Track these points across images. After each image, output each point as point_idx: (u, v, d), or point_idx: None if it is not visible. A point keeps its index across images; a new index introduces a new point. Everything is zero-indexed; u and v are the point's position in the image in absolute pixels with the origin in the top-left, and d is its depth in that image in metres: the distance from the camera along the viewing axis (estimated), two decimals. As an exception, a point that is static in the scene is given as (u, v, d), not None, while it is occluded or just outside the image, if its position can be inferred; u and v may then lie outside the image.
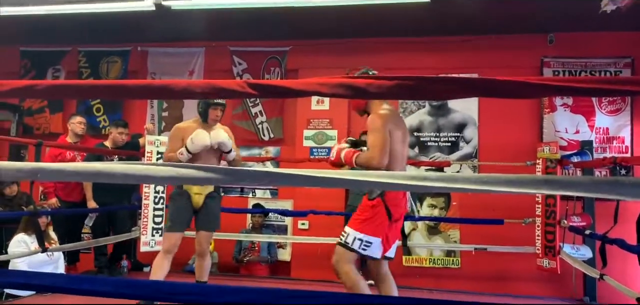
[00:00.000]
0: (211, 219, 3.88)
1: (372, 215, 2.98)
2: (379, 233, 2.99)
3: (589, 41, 5.68)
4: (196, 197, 3.83)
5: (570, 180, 1.34)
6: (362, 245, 2.96)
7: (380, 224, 2.98)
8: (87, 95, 4.03)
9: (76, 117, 5.50)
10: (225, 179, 1.60)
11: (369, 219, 2.99)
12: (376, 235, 2.97)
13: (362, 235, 2.97)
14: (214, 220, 3.91)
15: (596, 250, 4.47)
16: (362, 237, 2.96)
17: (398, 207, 3.03)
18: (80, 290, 1.93)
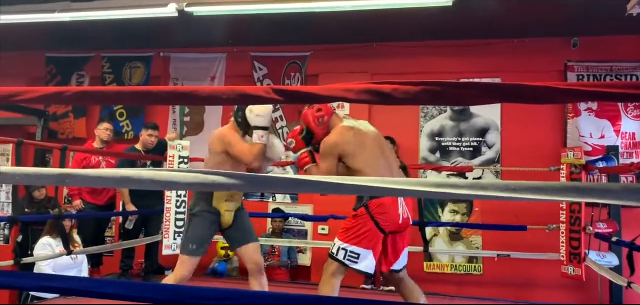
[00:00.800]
0: (250, 228, 3.43)
1: (355, 225, 2.86)
2: (367, 244, 2.84)
3: (614, 45, 5.58)
4: (227, 216, 3.32)
5: (601, 187, 1.31)
6: (347, 255, 2.83)
7: (367, 234, 2.83)
8: (114, 101, 4.06)
9: (103, 124, 5.58)
10: (252, 185, 1.61)
11: (352, 229, 2.87)
12: (363, 247, 2.83)
13: (345, 245, 2.85)
14: (251, 231, 3.45)
15: (623, 257, 4.38)
16: (345, 247, 2.84)
17: (387, 216, 2.86)
18: (104, 293, 1.95)
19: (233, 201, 3.33)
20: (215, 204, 3.27)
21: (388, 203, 2.86)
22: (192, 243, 3.22)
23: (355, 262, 2.82)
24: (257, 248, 3.37)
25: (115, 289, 2.01)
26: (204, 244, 3.25)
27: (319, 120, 3.08)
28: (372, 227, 2.83)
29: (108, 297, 1.95)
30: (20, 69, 6.80)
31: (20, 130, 6.62)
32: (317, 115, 3.08)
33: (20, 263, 4.35)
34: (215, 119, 6.60)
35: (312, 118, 3.10)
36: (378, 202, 2.83)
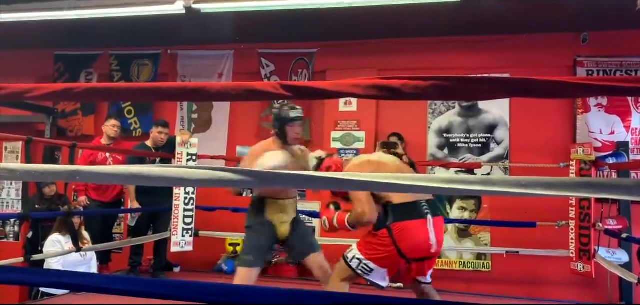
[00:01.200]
0: (310, 239, 3.42)
1: (377, 243, 2.71)
2: (382, 264, 2.71)
3: (624, 40, 5.53)
4: (283, 227, 3.31)
5: (612, 182, 1.30)
6: (360, 266, 2.71)
7: (385, 256, 2.68)
8: (124, 98, 4.07)
9: (110, 121, 5.61)
10: (261, 181, 1.61)
11: (372, 244, 2.73)
12: (378, 265, 2.70)
13: (361, 256, 2.72)
14: (313, 240, 3.46)
15: (633, 254, 4.35)
16: (361, 258, 2.72)
17: (412, 243, 2.66)
18: (114, 290, 1.96)
19: (286, 213, 3.32)
20: (269, 217, 3.29)
21: (414, 227, 2.69)
22: (248, 255, 3.24)
23: (367, 273, 2.72)
24: (321, 257, 3.32)
25: (123, 285, 2.02)
26: (259, 256, 3.24)
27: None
28: (393, 253, 2.65)
29: (117, 294, 1.96)
30: (29, 67, 6.84)
31: (29, 128, 6.66)
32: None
33: (30, 260, 4.39)
34: (223, 117, 6.62)
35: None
36: (402, 227, 2.66)
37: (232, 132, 6.60)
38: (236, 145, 6.57)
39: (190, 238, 5.20)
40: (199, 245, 5.45)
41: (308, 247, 3.32)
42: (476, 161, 5.78)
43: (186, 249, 5.20)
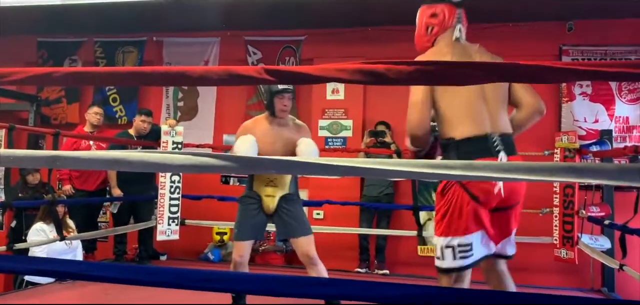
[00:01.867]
0: (296, 222, 3.23)
1: (447, 205, 2.11)
2: (472, 225, 2.07)
3: (609, 29, 5.57)
4: (267, 201, 3.22)
5: (595, 167, 1.31)
6: (458, 252, 2.06)
7: (467, 212, 2.06)
8: (105, 82, 4.00)
9: (93, 108, 5.56)
10: (244, 167, 1.60)
11: (447, 213, 2.10)
12: (470, 231, 2.06)
13: (448, 239, 2.08)
14: (299, 223, 3.24)
15: (615, 240, 4.41)
16: (451, 243, 2.07)
17: (480, 185, 2.05)
18: (100, 277, 1.95)
19: (274, 186, 3.21)
20: (255, 188, 3.25)
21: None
22: (236, 227, 3.26)
23: (469, 255, 2.07)
24: (307, 241, 3.19)
25: (108, 272, 2.00)
26: (243, 228, 3.22)
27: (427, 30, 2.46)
28: (468, 202, 2.06)
29: (102, 281, 1.95)
30: (12, 54, 6.72)
31: (12, 116, 6.56)
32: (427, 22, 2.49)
33: (13, 249, 4.34)
34: (210, 104, 6.58)
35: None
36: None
37: (218, 120, 6.57)
38: (223, 134, 6.54)
39: (177, 226, 5.18)
40: (185, 233, 5.43)
41: (293, 229, 3.21)
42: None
43: (172, 238, 5.18)
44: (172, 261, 5.70)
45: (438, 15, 2.37)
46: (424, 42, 2.41)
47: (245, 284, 1.88)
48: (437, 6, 2.38)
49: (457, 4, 2.38)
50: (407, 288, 1.60)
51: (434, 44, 2.35)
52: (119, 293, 3.90)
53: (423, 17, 2.45)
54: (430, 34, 2.40)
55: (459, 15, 2.36)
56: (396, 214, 5.78)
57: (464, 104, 2.16)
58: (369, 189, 5.68)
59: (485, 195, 2.07)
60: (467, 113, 2.16)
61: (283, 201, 3.22)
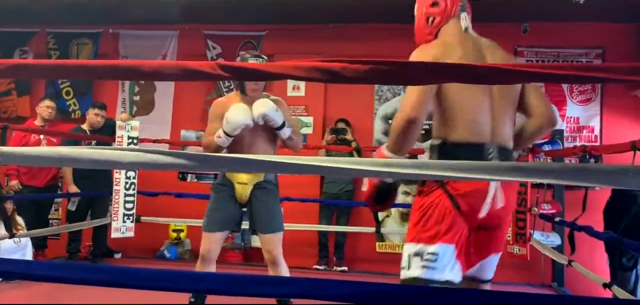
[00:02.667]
0: (266, 216, 3.02)
1: (424, 207, 1.87)
2: (447, 235, 1.81)
3: (561, 31, 5.75)
4: (240, 188, 3.01)
5: (541, 166, 1.35)
6: (423, 262, 1.79)
7: (444, 221, 1.82)
8: (53, 75, 3.86)
9: (44, 101, 5.36)
10: (197, 164, 1.56)
11: (422, 217, 1.86)
12: (442, 240, 1.80)
13: (418, 246, 1.82)
14: (269, 217, 3.03)
15: (565, 237, 4.56)
16: (420, 250, 1.81)
17: (469, 200, 1.82)
18: (50, 276, 1.88)
19: (247, 174, 3.00)
20: (228, 175, 3.05)
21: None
22: (205, 217, 3.05)
23: (433, 267, 1.78)
24: (275, 239, 3.01)
25: (58, 271, 1.94)
26: (212, 219, 3.02)
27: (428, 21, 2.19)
28: (450, 212, 1.82)
29: (51, 281, 1.88)
30: (-43, 43, 6.46)
31: (-43, 108, 6.29)
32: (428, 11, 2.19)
33: (-43, 247, 4.16)
34: (167, 99, 6.47)
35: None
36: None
37: (176, 115, 6.46)
38: (180, 129, 6.44)
39: (132, 224, 5.06)
40: (140, 231, 5.32)
41: (263, 222, 3.02)
42: (419, 147, 5.89)
43: (127, 235, 5.06)
44: (127, 259, 5.58)
45: (439, 4, 2.12)
46: (425, 35, 2.15)
47: (200, 283, 1.85)
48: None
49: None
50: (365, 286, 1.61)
51: (436, 36, 2.11)
52: (71, 293, 3.78)
53: (422, 7, 2.17)
54: (431, 25, 2.13)
55: (462, 3, 2.15)
56: (355, 211, 5.82)
57: (468, 103, 1.90)
58: (329, 185, 5.70)
59: (474, 212, 1.85)
60: (468, 114, 1.90)
61: (257, 190, 3.02)
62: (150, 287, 1.75)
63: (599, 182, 1.42)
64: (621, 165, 1.34)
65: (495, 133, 1.92)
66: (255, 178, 3.02)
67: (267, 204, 3.03)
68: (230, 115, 2.87)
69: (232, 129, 2.88)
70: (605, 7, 4.90)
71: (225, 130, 2.88)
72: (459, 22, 2.13)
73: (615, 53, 5.60)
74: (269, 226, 3.03)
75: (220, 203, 3.04)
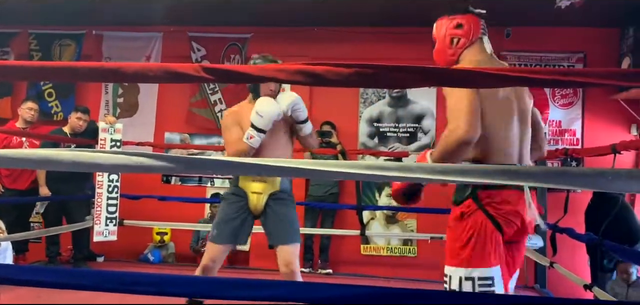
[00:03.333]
0: (283, 228, 2.87)
1: (468, 231, 1.90)
2: (494, 257, 1.87)
3: (544, 36, 5.83)
4: (255, 198, 2.87)
5: (523, 170, 1.37)
6: (477, 286, 1.84)
7: (489, 240, 1.88)
8: (33, 77, 3.80)
9: (27, 103, 5.27)
10: (181, 167, 1.55)
11: (468, 241, 1.89)
12: (492, 264, 1.86)
13: (469, 271, 1.86)
14: (287, 229, 2.87)
15: (547, 239, 4.61)
16: (471, 275, 1.85)
17: (509, 212, 1.91)
18: (30, 281, 1.86)
19: (263, 181, 2.86)
20: (241, 183, 2.88)
21: (509, 197, 1.92)
22: (214, 228, 2.88)
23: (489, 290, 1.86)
24: (293, 251, 2.84)
25: (38, 275, 1.91)
26: (223, 229, 2.85)
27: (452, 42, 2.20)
28: (490, 230, 1.88)
29: (31, 285, 1.85)
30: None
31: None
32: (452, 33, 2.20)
33: None
34: (151, 101, 6.41)
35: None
36: (493, 194, 1.90)
37: (160, 117, 6.41)
38: (164, 131, 6.39)
39: (115, 227, 5.01)
40: (123, 234, 5.27)
41: (282, 234, 2.86)
42: (404, 150, 5.93)
43: (110, 239, 5.01)
44: (110, 263, 5.53)
45: (464, 26, 2.15)
46: (448, 56, 2.17)
47: (182, 287, 1.83)
48: (461, 17, 2.17)
49: (480, 15, 2.20)
50: (349, 288, 1.61)
51: (459, 58, 2.13)
52: (52, 297, 3.72)
53: (446, 29, 2.20)
54: (456, 46, 2.15)
55: (483, 25, 2.17)
56: (340, 213, 5.83)
57: (501, 130, 1.93)
58: (315, 188, 5.70)
59: (510, 225, 1.93)
60: (502, 135, 1.94)
61: (272, 200, 2.88)
62: (133, 291, 1.74)
63: (579, 185, 1.45)
64: (600, 169, 1.37)
65: (521, 157, 2.00)
66: (271, 187, 2.89)
67: (284, 215, 2.88)
68: (262, 108, 2.72)
69: (267, 122, 2.72)
70: (587, 12, 4.97)
71: (258, 126, 2.73)
72: (483, 45, 2.14)
73: (596, 57, 5.68)
74: (288, 237, 2.86)
75: (231, 214, 2.87)
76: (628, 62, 5.30)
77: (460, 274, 1.87)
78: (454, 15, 2.18)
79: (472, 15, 2.16)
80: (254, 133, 2.73)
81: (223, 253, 2.88)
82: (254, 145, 2.75)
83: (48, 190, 4.97)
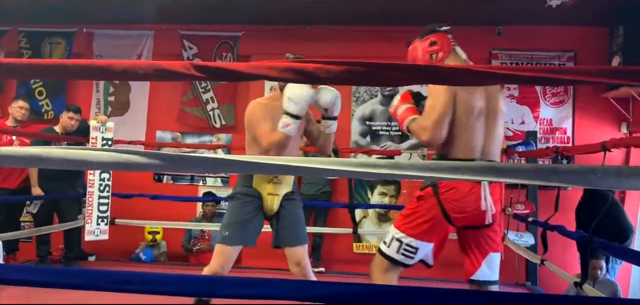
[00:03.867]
0: (295, 229, 2.83)
1: (417, 210, 2.25)
2: (428, 236, 2.23)
3: (535, 34, 5.86)
4: (270, 200, 2.79)
5: (513, 167, 1.37)
6: (402, 249, 2.23)
7: (430, 222, 2.22)
8: (22, 75, 3.76)
9: (18, 101, 5.22)
10: (172, 165, 1.54)
11: (412, 215, 2.25)
12: (423, 239, 2.22)
13: (401, 234, 2.24)
14: (300, 229, 2.86)
15: (538, 237, 4.64)
16: (401, 238, 2.23)
17: (459, 204, 2.20)
18: (21, 280, 1.85)
19: (279, 183, 2.79)
20: (255, 184, 2.78)
21: (464, 188, 2.18)
22: (225, 229, 2.75)
23: (411, 257, 2.24)
24: (302, 254, 2.80)
25: (29, 275, 1.90)
26: (235, 231, 2.74)
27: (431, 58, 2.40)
28: (437, 215, 2.21)
29: (21, 284, 1.84)
30: None
31: None
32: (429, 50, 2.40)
33: None
34: (142, 100, 6.39)
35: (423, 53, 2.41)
36: (451, 185, 2.18)
37: (151, 116, 6.39)
38: (156, 130, 6.37)
39: (106, 226, 4.99)
40: (115, 233, 5.24)
41: (294, 236, 2.81)
42: (396, 148, 5.94)
43: (101, 238, 4.99)
44: (102, 262, 5.50)
45: (437, 43, 2.37)
46: None
47: (175, 286, 1.83)
48: (432, 36, 2.38)
49: (446, 31, 2.41)
50: (342, 287, 1.61)
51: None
52: (43, 297, 3.70)
53: (422, 50, 2.41)
54: (435, 61, 2.37)
55: (452, 38, 2.40)
56: (333, 211, 5.83)
57: (467, 131, 2.20)
58: (307, 187, 5.69)
59: (460, 216, 2.21)
60: (467, 139, 2.21)
61: (285, 201, 2.81)
62: (124, 290, 1.73)
63: (568, 182, 1.46)
64: (589, 166, 1.38)
65: (485, 151, 2.23)
66: (285, 189, 2.82)
67: (297, 215, 2.84)
68: (294, 94, 2.59)
69: (302, 107, 2.62)
70: (578, 11, 5.00)
71: (293, 113, 2.61)
72: (457, 54, 2.39)
73: (586, 56, 5.72)
74: (300, 238, 2.83)
75: (244, 214, 2.76)
76: (618, 60, 5.34)
77: (394, 234, 2.25)
78: (425, 36, 2.41)
79: (440, 32, 2.39)
80: (290, 120, 2.61)
81: (234, 256, 2.76)
82: (291, 133, 2.64)
83: (41, 190, 4.93)
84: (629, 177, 1.40)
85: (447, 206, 2.19)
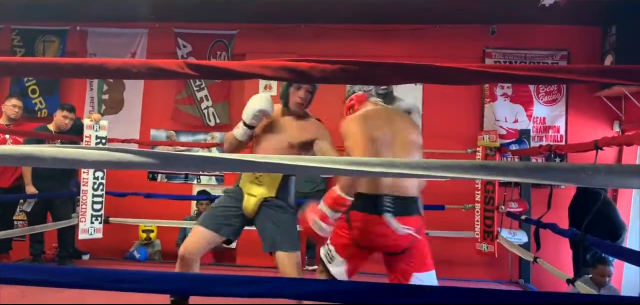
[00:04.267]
0: (275, 231, 2.75)
1: (340, 225, 2.43)
2: (343, 251, 2.42)
3: (528, 33, 5.88)
4: (247, 200, 2.81)
5: (505, 165, 1.38)
6: (326, 252, 2.47)
7: (343, 242, 2.42)
8: (15, 73, 3.75)
9: (11, 100, 5.19)
10: (166, 163, 1.54)
11: (338, 228, 2.43)
12: (339, 252, 2.43)
13: (328, 241, 2.46)
14: (283, 235, 2.76)
15: (531, 234, 4.67)
16: (328, 244, 2.46)
17: (366, 234, 2.37)
18: (15, 279, 1.85)
19: (259, 184, 2.80)
20: (241, 184, 2.85)
21: (370, 221, 2.35)
22: (205, 214, 2.86)
23: (329, 262, 2.45)
24: (288, 258, 2.70)
25: (23, 273, 1.90)
26: (207, 216, 2.79)
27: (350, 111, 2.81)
28: (349, 240, 2.41)
29: (15, 283, 1.84)
30: None
31: None
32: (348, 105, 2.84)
33: None
34: (137, 98, 6.37)
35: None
36: (358, 217, 2.37)
37: (145, 114, 6.37)
38: (150, 128, 6.35)
39: (100, 225, 4.98)
40: (109, 232, 5.23)
41: (273, 239, 2.75)
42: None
43: (95, 236, 4.97)
44: (96, 261, 5.48)
45: (354, 106, 2.79)
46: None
47: (166, 284, 1.83)
48: (351, 99, 2.83)
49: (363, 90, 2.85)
50: (334, 284, 1.62)
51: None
52: (37, 295, 3.69)
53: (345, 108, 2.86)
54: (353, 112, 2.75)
55: (368, 91, 2.80)
56: (327, 210, 5.82)
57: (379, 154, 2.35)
58: (302, 185, 5.70)
59: (367, 243, 2.41)
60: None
61: (265, 205, 2.80)
62: (118, 289, 1.73)
63: (561, 180, 1.47)
64: (581, 164, 1.39)
65: (394, 187, 2.33)
66: (266, 192, 2.80)
67: (277, 220, 2.77)
68: (250, 103, 2.76)
69: (247, 116, 2.75)
70: (571, 10, 5.02)
71: (244, 121, 2.76)
72: (371, 102, 2.78)
73: (579, 55, 5.75)
74: (282, 244, 2.73)
75: (221, 204, 2.85)
76: (611, 59, 5.37)
77: (329, 242, 2.45)
78: (348, 99, 2.83)
79: (357, 94, 2.80)
80: (241, 126, 2.83)
81: (204, 240, 2.75)
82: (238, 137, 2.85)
83: (34, 188, 4.91)
84: (619, 175, 1.41)
85: (355, 234, 2.38)
